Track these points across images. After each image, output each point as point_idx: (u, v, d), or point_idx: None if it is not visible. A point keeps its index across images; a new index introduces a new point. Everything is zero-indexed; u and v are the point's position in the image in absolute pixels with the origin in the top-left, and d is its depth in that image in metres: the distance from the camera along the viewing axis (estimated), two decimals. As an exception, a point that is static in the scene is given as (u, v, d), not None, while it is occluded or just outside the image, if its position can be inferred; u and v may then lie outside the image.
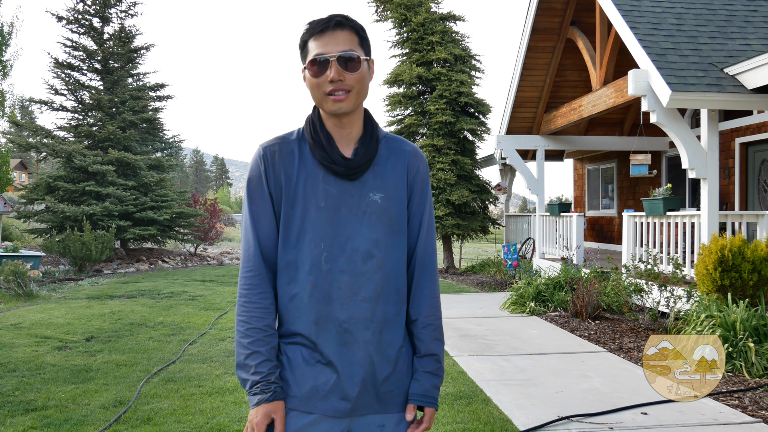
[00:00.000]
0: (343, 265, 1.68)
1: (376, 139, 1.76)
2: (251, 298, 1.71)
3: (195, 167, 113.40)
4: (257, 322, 1.69)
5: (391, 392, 1.74)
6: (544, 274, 10.19)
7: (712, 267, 6.39)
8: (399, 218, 1.76)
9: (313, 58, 1.67)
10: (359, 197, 1.71)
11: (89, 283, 12.28)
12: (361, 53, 1.69)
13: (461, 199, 14.84)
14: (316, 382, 1.68)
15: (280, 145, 1.75)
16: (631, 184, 14.92)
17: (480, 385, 5.11)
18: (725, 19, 9.14)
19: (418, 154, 1.84)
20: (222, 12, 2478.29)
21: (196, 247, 21.27)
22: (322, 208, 1.69)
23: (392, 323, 1.74)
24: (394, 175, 1.77)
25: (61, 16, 18.25)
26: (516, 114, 13.79)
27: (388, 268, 1.73)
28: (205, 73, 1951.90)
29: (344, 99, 1.67)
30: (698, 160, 7.75)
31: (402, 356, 1.77)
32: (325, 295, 1.68)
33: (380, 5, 16.77)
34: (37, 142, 17.89)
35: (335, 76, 1.64)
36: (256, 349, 1.67)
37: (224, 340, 6.87)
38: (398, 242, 1.76)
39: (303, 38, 1.72)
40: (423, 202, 1.82)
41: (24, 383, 5.04)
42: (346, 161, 1.70)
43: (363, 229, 1.70)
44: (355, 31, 1.70)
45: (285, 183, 1.72)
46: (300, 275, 1.70)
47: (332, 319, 1.68)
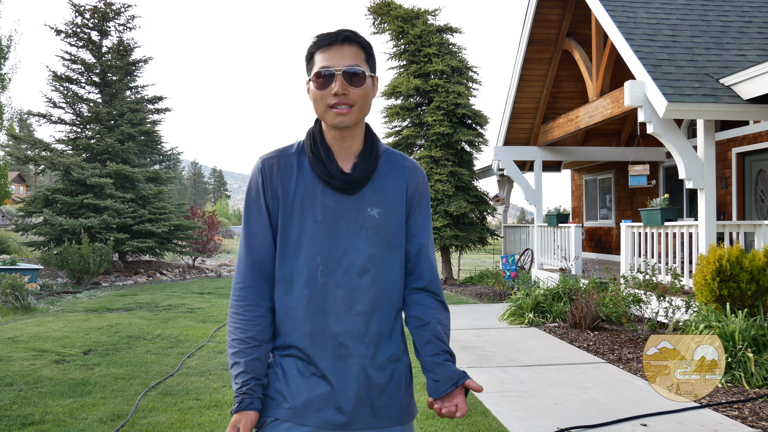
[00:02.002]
0: (339, 278, 1.69)
1: (376, 155, 1.76)
2: (238, 309, 1.73)
3: (193, 179, 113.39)
4: (241, 334, 1.71)
5: (386, 406, 1.74)
6: (543, 285, 10.18)
7: (710, 277, 6.39)
8: (396, 234, 1.77)
9: (318, 70, 1.68)
10: (357, 212, 1.72)
11: (87, 296, 12.25)
12: (366, 69, 1.70)
13: (459, 210, 14.85)
14: (311, 395, 1.68)
15: (279, 158, 1.76)
16: (628, 195, 14.94)
17: (479, 397, 5.10)
18: (720, 30, 9.20)
19: (418, 170, 1.84)
20: (220, 25, 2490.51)
21: (194, 259, 21.25)
22: (319, 221, 1.70)
23: (387, 338, 1.74)
24: (393, 191, 1.77)
25: (59, 29, 18.32)
26: (513, 125, 13.83)
27: (383, 283, 1.73)
28: (203, 85, 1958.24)
29: (347, 113, 1.67)
30: (695, 170, 7.77)
31: (397, 370, 1.76)
32: (321, 309, 1.68)
33: (377, 18, 16.85)
34: (36, 155, 17.91)
35: (339, 89, 1.65)
36: (237, 360, 1.69)
37: (222, 352, 6.85)
38: (395, 258, 1.76)
39: (310, 50, 1.73)
40: (424, 218, 1.84)
41: (21, 397, 5.02)
42: (345, 176, 1.71)
43: (359, 244, 1.71)
44: (362, 48, 1.72)
45: (282, 195, 1.72)
46: (296, 288, 1.70)
47: (327, 333, 1.68)
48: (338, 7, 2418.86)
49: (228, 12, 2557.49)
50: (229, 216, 74.99)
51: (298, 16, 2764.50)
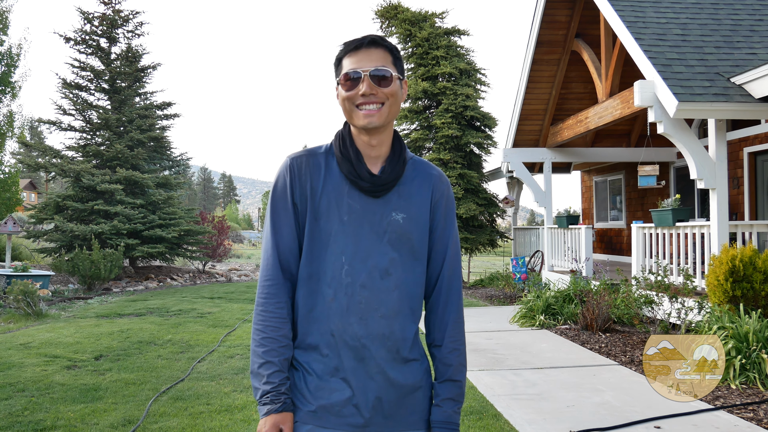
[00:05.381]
0: (365, 280, 1.68)
1: (403, 160, 1.77)
2: (268, 307, 1.71)
3: (203, 185, 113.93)
4: (272, 332, 1.69)
5: (405, 410, 1.72)
6: (554, 287, 10.13)
7: (723, 278, 6.33)
8: (419, 240, 1.76)
9: (346, 72, 1.69)
10: (381, 215, 1.72)
11: (98, 302, 12.30)
12: (393, 71, 1.71)
13: (469, 212, 14.82)
14: (331, 396, 1.67)
15: (307, 158, 1.77)
16: (639, 196, 14.86)
17: (490, 400, 5.07)
18: (731, 29, 9.13)
19: (444, 178, 1.84)
20: (229, 30, 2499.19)
21: (204, 264, 21.30)
22: (345, 221, 1.70)
23: (408, 342, 1.73)
24: (418, 197, 1.77)
25: (68, 37, 18.43)
26: (522, 127, 13.79)
27: (405, 287, 1.72)
28: (212, 90, 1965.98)
29: (376, 114, 1.67)
30: (707, 170, 7.71)
31: (417, 374, 1.75)
32: (344, 309, 1.67)
33: (385, 21, 16.87)
34: (46, 162, 18.01)
35: (367, 90, 1.66)
36: (269, 359, 1.67)
37: (233, 357, 6.85)
38: (416, 263, 1.76)
39: (338, 56, 1.75)
40: (449, 226, 1.82)
41: (33, 403, 5.03)
42: (373, 177, 1.71)
43: (382, 247, 1.70)
44: (389, 51, 1.73)
45: (310, 195, 1.73)
46: (321, 287, 1.70)
47: (350, 333, 1.67)
48: (346, 12, 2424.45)
49: (237, 17, 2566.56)
50: (239, 221, 75.23)
51: (307, 22, 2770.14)
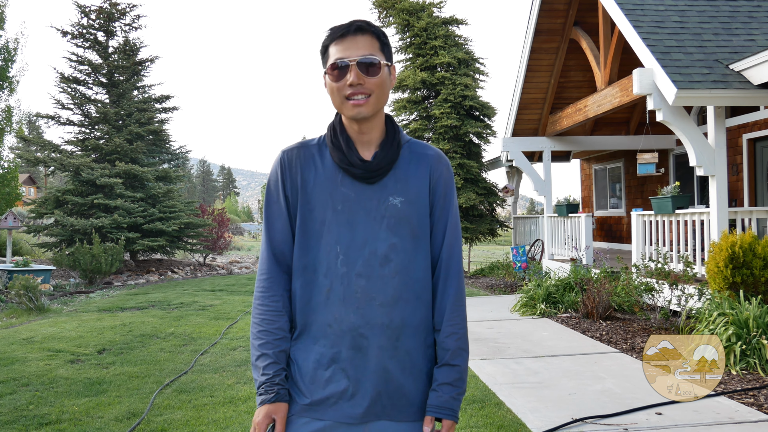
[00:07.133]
0: (361, 268, 1.66)
1: (397, 144, 1.75)
2: (264, 301, 1.72)
3: (202, 177, 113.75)
4: (268, 325, 1.70)
5: (405, 399, 1.70)
6: (554, 276, 10.16)
7: (723, 264, 6.35)
8: (420, 223, 1.73)
9: (333, 62, 1.66)
10: (378, 201, 1.70)
11: (100, 296, 12.33)
12: (381, 58, 1.68)
13: (469, 202, 14.83)
14: (328, 389, 1.66)
15: (299, 150, 1.76)
16: (638, 183, 14.86)
17: (492, 388, 5.09)
18: (729, 16, 9.11)
19: (442, 158, 1.80)
20: (226, 22, 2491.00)
21: (205, 256, 21.33)
22: (339, 211, 1.69)
23: (412, 330, 1.71)
24: (415, 180, 1.75)
25: (65, 31, 18.37)
26: (521, 116, 13.78)
27: (407, 273, 1.70)
28: (210, 83, 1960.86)
29: (363, 104, 1.65)
30: (706, 157, 7.71)
31: (419, 363, 1.73)
32: (341, 299, 1.66)
33: (383, 11, 16.82)
34: (45, 156, 17.98)
35: (355, 80, 1.63)
36: (265, 351, 1.68)
37: (235, 349, 6.88)
38: (419, 247, 1.73)
39: (324, 43, 1.72)
40: (447, 207, 1.78)
41: (37, 397, 5.06)
42: (365, 163, 1.69)
43: (381, 233, 1.68)
44: (376, 37, 1.70)
45: (302, 186, 1.72)
46: (317, 278, 1.69)
47: (347, 323, 1.66)
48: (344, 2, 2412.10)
49: (234, 9, 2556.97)
50: (239, 213, 75.19)
51: (305, 12, 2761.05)
